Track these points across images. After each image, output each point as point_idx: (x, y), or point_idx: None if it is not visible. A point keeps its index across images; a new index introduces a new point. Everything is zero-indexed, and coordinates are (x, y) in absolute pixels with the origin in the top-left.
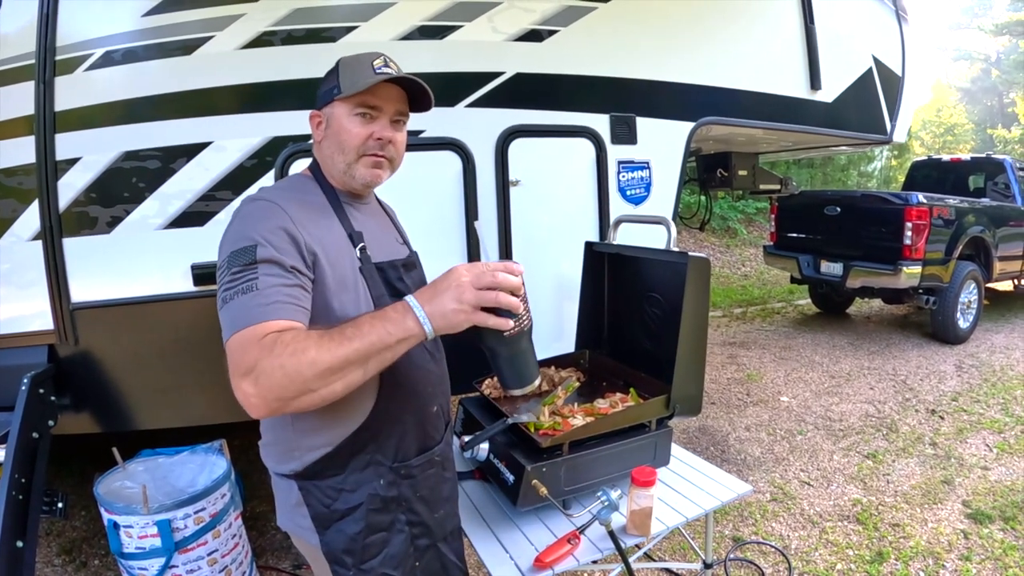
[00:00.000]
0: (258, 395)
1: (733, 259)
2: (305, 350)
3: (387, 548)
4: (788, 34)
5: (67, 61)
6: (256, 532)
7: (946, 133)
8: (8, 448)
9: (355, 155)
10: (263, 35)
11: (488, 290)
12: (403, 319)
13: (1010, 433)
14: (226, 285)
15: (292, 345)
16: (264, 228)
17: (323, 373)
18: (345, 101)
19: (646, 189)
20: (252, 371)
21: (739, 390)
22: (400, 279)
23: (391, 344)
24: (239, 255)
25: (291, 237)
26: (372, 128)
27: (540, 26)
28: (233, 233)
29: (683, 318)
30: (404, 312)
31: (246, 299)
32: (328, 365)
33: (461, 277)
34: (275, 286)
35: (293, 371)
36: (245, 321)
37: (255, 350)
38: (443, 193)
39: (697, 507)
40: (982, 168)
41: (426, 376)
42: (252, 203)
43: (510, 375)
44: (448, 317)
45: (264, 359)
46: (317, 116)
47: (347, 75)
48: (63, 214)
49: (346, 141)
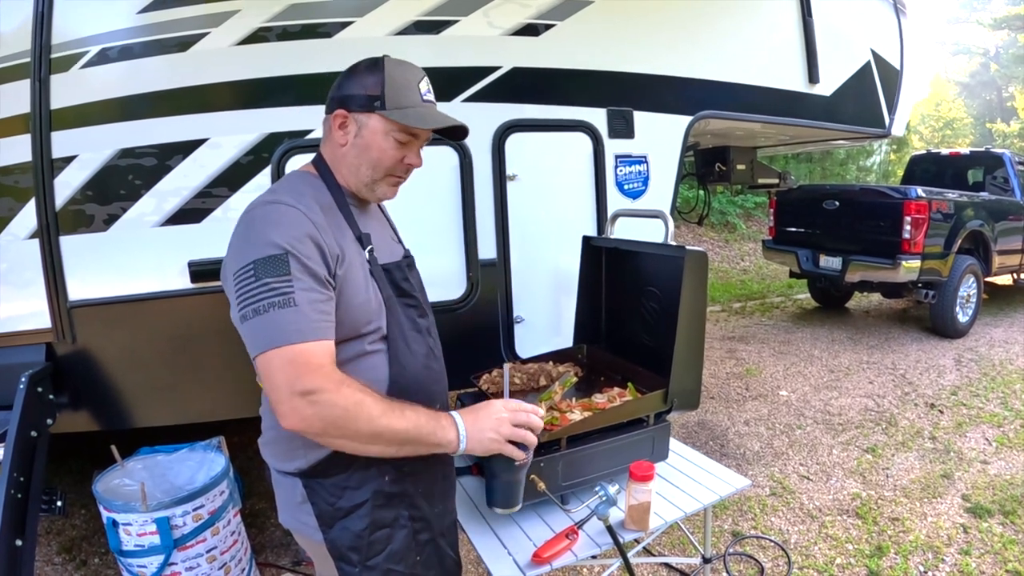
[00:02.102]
0: (312, 417)
1: (732, 254)
2: (368, 407)
3: (391, 544)
4: (786, 27)
5: (62, 59)
6: (255, 529)
7: (945, 127)
8: (7, 447)
9: (383, 174)
10: (258, 31)
11: (520, 427)
12: (447, 431)
13: (1009, 427)
14: (258, 295)
15: (359, 396)
16: (291, 236)
17: (373, 435)
18: (387, 120)
19: (644, 183)
20: (313, 395)
21: (738, 384)
22: (405, 279)
23: (429, 443)
24: (270, 265)
25: (317, 245)
26: (405, 153)
27: (536, 20)
28: (256, 238)
29: (681, 312)
30: (450, 425)
31: (286, 314)
32: (380, 431)
33: (501, 412)
34: (313, 302)
35: (352, 418)
36: (287, 338)
37: (317, 377)
38: (440, 188)
39: (696, 501)
40: (981, 162)
41: (430, 374)
42: (271, 207)
43: (502, 497)
44: (484, 443)
45: (330, 392)
46: (344, 117)
47: (393, 91)
48: (60, 212)
49: (379, 161)
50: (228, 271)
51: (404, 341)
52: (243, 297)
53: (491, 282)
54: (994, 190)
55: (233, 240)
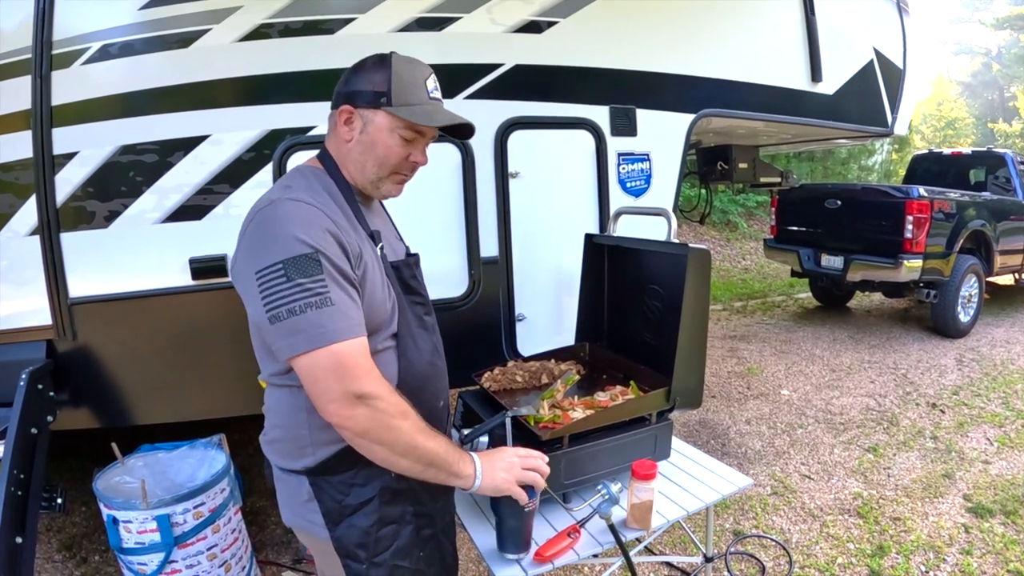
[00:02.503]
0: (363, 418)
1: (733, 253)
2: (411, 420)
3: (398, 540)
4: (789, 26)
5: (64, 55)
6: (256, 527)
7: (947, 127)
8: (7, 444)
9: (388, 172)
10: (260, 27)
11: (530, 471)
12: (467, 465)
13: (1011, 427)
14: (291, 296)
15: (406, 407)
16: (317, 234)
17: (408, 448)
18: (393, 117)
19: (646, 181)
20: (368, 399)
21: (739, 383)
22: (413, 277)
23: (449, 472)
24: (301, 264)
25: (339, 243)
26: (411, 151)
27: (539, 17)
28: (280, 236)
29: (683, 310)
30: (469, 461)
31: (324, 314)
32: (416, 446)
33: (513, 457)
34: (346, 300)
35: (396, 428)
36: (330, 338)
37: (370, 381)
38: (442, 185)
39: (698, 500)
40: (983, 162)
41: (435, 372)
42: (291, 204)
43: (512, 542)
44: (497, 482)
45: (383, 399)
46: (350, 113)
47: (400, 88)
48: (61, 209)
49: (385, 158)
50: (248, 269)
51: (412, 339)
52: (274, 297)
53: (493, 280)
54: (996, 190)
55: (250, 238)
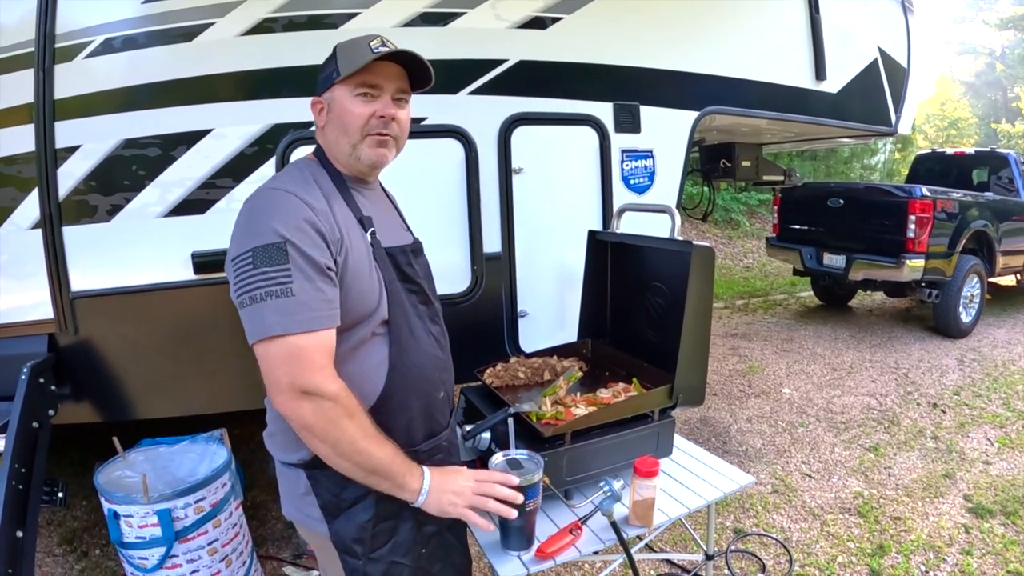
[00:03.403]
0: (307, 414)
1: (735, 251)
2: (358, 423)
3: (396, 536)
4: (793, 24)
5: (66, 49)
6: (257, 522)
7: (950, 127)
8: (8, 438)
9: (359, 135)
10: (264, 21)
11: (483, 496)
12: (414, 479)
13: (1011, 428)
14: (255, 283)
15: (354, 409)
16: (290, 223)
17: (352, 451)
18: (345, 83)
19: (650, 178)
20: (312, 395)
21: (741, 382)
22: (409, 264)
23: (393, 483)
24: (268, 253)
25: (318, 231)
26: (374, 107)
27: (543, 13)
28: (255, 225)
29: (687, 308)
30: (418, 476)
31: (282, 304)
32: (360, 450)
33: (468, 482)
34: (309, 291)
35: (340, 429)
36: (284, 327)
37: (319, 377)
38: (446, 181)
39: (699, 498)
40: (986, 162)
41: (433, 362)
42: (272, 193)
43: (515, 540)
44: (443, 505)
45: (328, 397)
46: (319, 103)
47: (345, 58)
48: (63, 202)
49: (349, 122)
50: (228, 256)
51: (408, 327)
52: (240, 284)
53: (496, 276)
54: (999, 190)
55: (234, 228)
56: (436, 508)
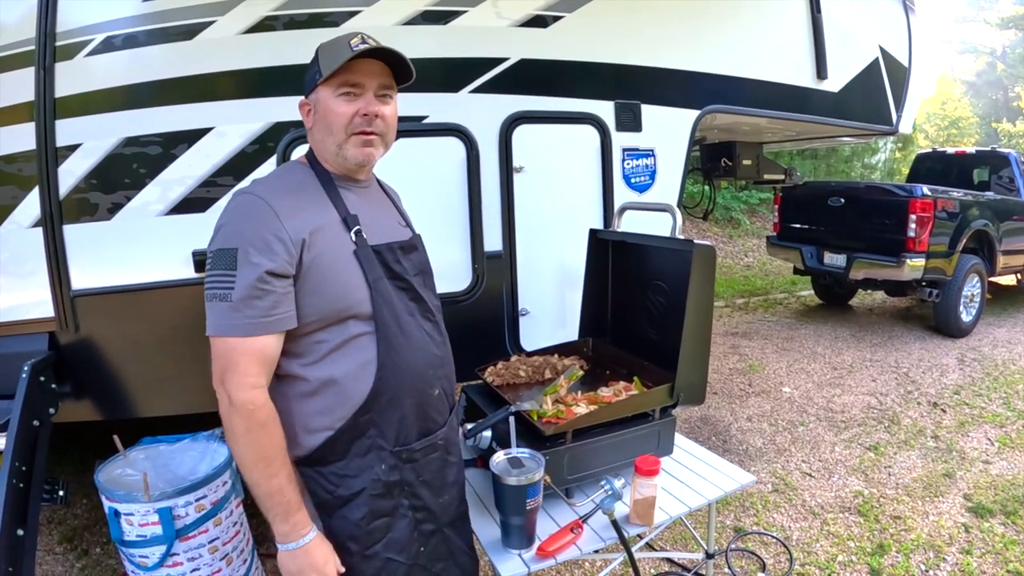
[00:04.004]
0: (224, 412)
1: (736, 249)
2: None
3: (391, 533)
4: (795, 22)
5: (67, 47)
6: (257, 520)
7: (951, 126)
8: (9, 436)
9: (344, 135)
10: (265, 20)
11: None
12: (281, 525)
13: (1011, 427)
14: (209, 283)
15: (260, 430)
16: (246, 229)
17: (243, 464)
18: (327, 83)
19: (651, 177)
20: (229, 398)
21: (741, 380)
22: (398, 261)
23: (269, 515)
24: (222, 256)
25: (275, 235)
26: (357, 105)
27: (545, 12)
28: (220, 227)
29: (688, 306)
30: (298, 529)
31: (221, 307)
32: (250, 468)
33: (316, 571)
34: (251, 298)
35: (238, 438)
36: (219, 330)
37: (239, 385)
38: (447, 180)
39: (700, 496)
40: (987, 162)
41: (426, 359)
42: (240, 198)
43: (516, 539)
44: (299, 569)
45: (238, 407)
46: (306, 104)
47: (326, 58)
48: (63, 201)
49: (333, 122)
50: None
51: (396, 324)
52: (205, 281)
53: (497, 274)
54: (999, 190)
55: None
56: (290, 566)
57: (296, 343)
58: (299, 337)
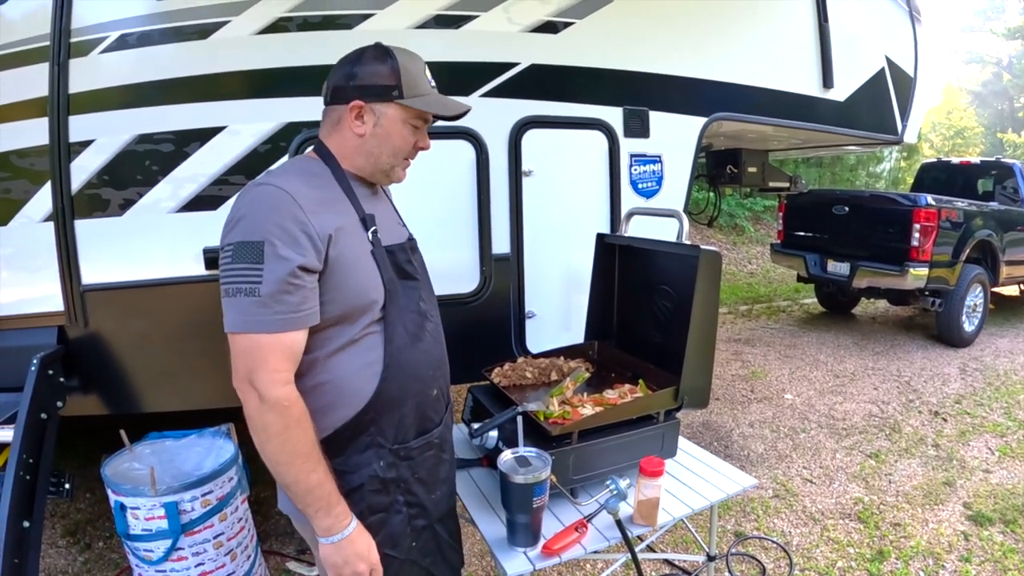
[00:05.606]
0: (252, 411)
1: (740, 256)
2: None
3: (385, 528)
4: (802, 32)
5: (82, 43)
6: (261, 517)
7: (956, 136)
8: (17, 429)
9: (400, 158)
10: (279, 21)
11: None
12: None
13: (1012, 437)
14: (230, 278)
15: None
16: (272, 221)
17: (279, 463)
18: (405, 109)
19: (658, 183)
20: (260, 396)
21: (743, 387)
22: (408, 261)
23: (309, 511)
24: (245, 250)
25: (303, 229)
26: (418, 137)
27: (556, 18)
28: (238, 220)
29: (693, 311)
30: (340, 520)
31: (250, 302)
32: (287, 467)
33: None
34: (277, 293)
35: (272, 437)
36: (247, 327)
37: (271, 381)
38: (456, 182)
39: (703, 499)
40: (991, 172)
41: (428, 360)
42: (259, 189)
43: (522, 537)
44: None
45: (271, 404)
46: (361, 107)
47: (409, 80)
48: (75, 196)
49: (400, 148)
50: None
51: (403, 324)
52: (223, 275)
53: (504, 276)
54: (1004, 200)
55: (227, 216)
56: (335, 559)
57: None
58: (310, 334)
